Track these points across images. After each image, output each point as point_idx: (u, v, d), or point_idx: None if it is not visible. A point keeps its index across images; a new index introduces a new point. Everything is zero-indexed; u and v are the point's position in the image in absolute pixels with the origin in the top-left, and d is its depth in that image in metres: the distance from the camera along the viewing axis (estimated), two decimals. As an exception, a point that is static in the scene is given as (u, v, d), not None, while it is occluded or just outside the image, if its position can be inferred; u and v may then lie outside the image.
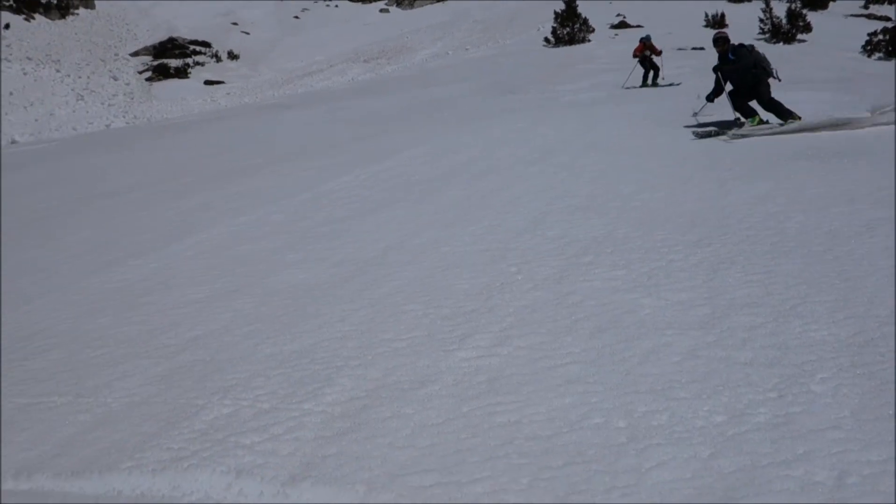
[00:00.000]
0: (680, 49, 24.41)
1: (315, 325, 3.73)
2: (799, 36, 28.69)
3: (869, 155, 6.31)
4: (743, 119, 8.63)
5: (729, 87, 8.83)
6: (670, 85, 16.04)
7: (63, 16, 45.45)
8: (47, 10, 44.76)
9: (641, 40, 17.72)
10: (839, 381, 2.57)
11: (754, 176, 5.96)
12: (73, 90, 34.93)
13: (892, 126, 7.43)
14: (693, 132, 8.59)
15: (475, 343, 3.27)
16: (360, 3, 53.52)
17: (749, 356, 2.86)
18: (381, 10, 52.22)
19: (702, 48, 23.01)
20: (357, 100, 20.31)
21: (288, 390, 3.01)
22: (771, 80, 8.60)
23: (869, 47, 24.74)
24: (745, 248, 4.13)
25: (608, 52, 25.57)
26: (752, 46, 8.84)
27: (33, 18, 43.52)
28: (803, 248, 4.01)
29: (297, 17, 51.30)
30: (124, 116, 31.01)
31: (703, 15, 32.64)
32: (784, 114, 8.26)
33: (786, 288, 3.48)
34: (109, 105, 33.63)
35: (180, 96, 35.21)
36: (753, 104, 8.69)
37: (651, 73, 16.92)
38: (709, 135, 8.31)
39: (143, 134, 19.79)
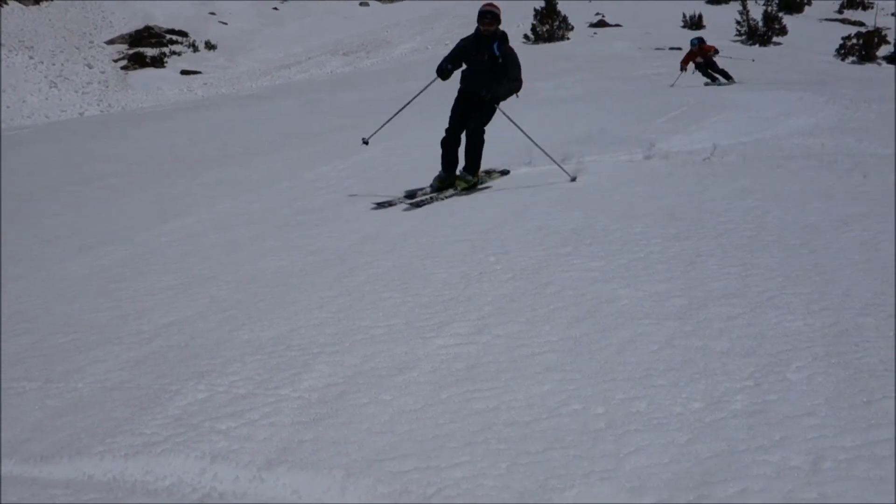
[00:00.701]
0: (658, 49, 24.60)
1: (292, 312, 3.69)
2: (775, 38, 29.06)
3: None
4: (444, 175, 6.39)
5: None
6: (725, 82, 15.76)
7: (37, 1, 44.54)
8: (20, -4, 43.81)
9: (691, 47, 16.60)
10: (814, 370, 2.59)
11: (733, 173, 6.01)
12: (46, 77, 34.26)
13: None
14: (373, 201, 6.21)
15: (453, 331, 3.26)
16: (340, -4, 53.13)
17: (726, 346, 2.87)
18: (362, 4, 51.89)
19: (679, 48, 23.17)
20: (336, 92, 20.18)
21: (264, 376, 2.97)
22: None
23: (843, 51, 25.14)
24: (723, 241, 4.15)
25: (587, 50, 25.68)
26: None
27: (6, 3, 42.59)
28: (781, 242, 4.05)
29: (276, 9, 50.79)
30: (99, 105, 30.48)
31: (682, 16, 32.89)
32: (476, 163, 6.42)
33: (763, 280, 3.51)
34: (83, 93, 33.03)
35: (156, 86, 34.68)
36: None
37: (719, 76, 16.10)
38: (389, 204, 6.09)
39: (118, 122, 19.48)
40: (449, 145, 6.43)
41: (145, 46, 40.38)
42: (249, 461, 2.36)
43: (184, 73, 37.41)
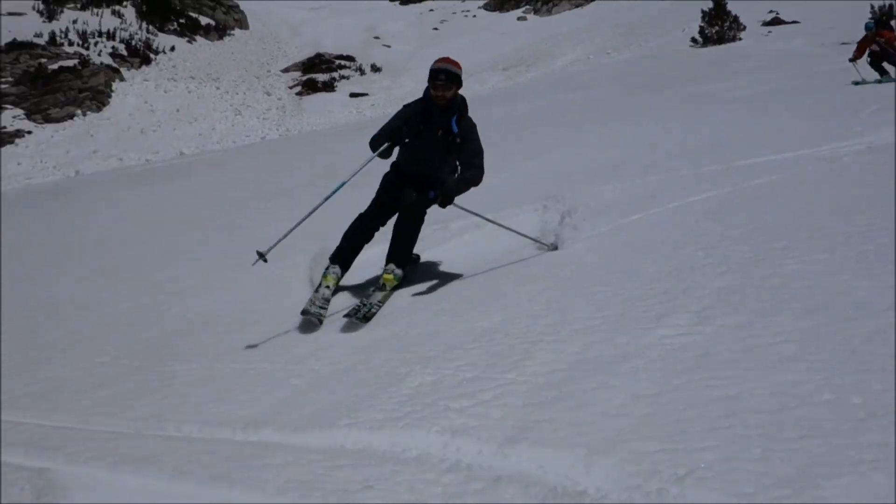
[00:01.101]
0: (843, 44, 22.82)
1: (502, 305, 3.75)
2: (983, 23, 26.00)
3: None
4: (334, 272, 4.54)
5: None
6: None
7: (221, 37, 48.97)
8: (207, 33, 48.39)
9: (866, 31, 13.68)
10: None
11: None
12: (231, 105, 37.44)
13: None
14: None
15: (674, 322, 3.17)
16: (497, 13, 53.99)
17: None
18: (519, 18, 52.37)
19: (869, 40, 21.33)
20: (499, 106, 20.43)
21: (488, 361, 3.04)
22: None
23: None
24: (969, 231, 3.75)
25: (762, 49, 24.35)
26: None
27: (195, 40, 47.16)
28: None
29: (435, 29, 52.49)
30: (277, 129, 32.91)
31: (869, 7, 30.31)
32: (409, 253, 4.66)
33: None
34: (264, 119, 35.78)
35: (327, 109, 36.89)
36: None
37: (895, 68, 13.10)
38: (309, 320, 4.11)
39: (296, 143, 20.88)
40: (359, 235, 4.68)
41: (317, 72, 43.10)
42: (489, 437, 2.42)
43: (352, 95, 39.50)
